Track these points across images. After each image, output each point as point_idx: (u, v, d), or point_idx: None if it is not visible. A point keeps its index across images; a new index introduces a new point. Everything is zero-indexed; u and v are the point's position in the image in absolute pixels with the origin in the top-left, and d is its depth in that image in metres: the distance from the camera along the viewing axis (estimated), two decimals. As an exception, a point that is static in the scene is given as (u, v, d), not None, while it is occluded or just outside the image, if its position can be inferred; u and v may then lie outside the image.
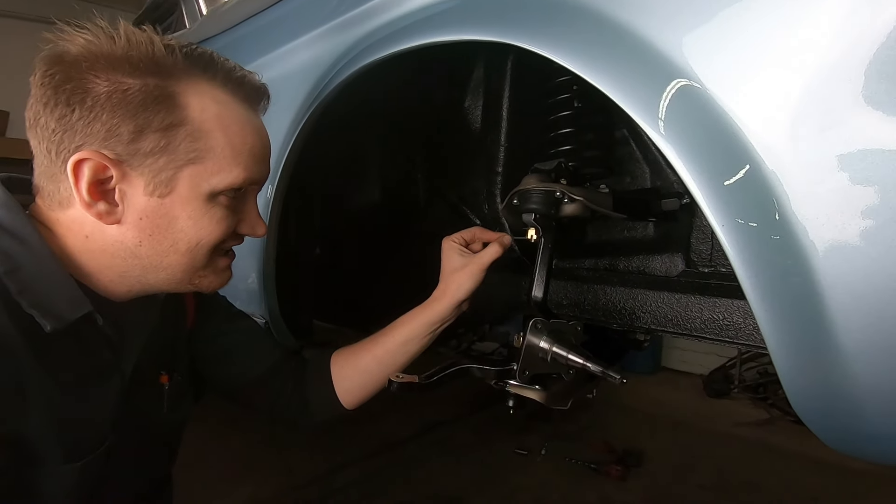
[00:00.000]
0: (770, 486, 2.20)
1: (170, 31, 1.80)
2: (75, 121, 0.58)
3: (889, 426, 0.47)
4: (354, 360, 0.94)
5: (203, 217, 0.64)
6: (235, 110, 0.66)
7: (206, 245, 0.66)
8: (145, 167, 0.60)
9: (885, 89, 0.41)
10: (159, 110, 0.59)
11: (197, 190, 0.63)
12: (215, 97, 0.64)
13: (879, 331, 0.44)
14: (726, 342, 0.85)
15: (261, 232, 0.72)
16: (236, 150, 0.64)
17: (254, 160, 0.67)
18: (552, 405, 0.84)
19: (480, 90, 1.15)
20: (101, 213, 0.61)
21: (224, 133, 0.63)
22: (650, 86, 0.54)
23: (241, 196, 0.69)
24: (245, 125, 0.66)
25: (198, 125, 0.62)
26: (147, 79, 0.59)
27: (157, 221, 0.62)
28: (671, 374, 3.71)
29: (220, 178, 0.63)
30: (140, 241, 0.63)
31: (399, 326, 0.92)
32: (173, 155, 0.61)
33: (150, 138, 0.59)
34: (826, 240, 0.45)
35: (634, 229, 1.08)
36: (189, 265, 0.66)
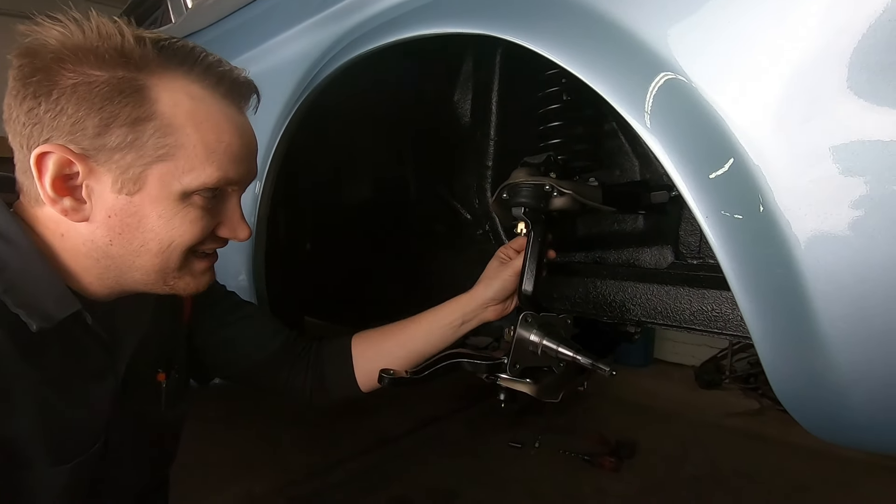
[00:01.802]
0: (761, 474, 2.23)
1: (155, 26, 1.77)
2: (42, 114, 0.56)
3: (870, 414, 0.47)
4: (378, 343, 0.93)
5: (174, 217, 0.61)
6: (212, 106, 0.62)
7: (178, 246, 0.63)
8: (112, 163, 0.58)
9: (867, 79, 0.41)
10: (126, 103, 0.57)
11: (168, 189, 0.60)
12: (190, 92, 0.61)
13: (861, 320, 0.45)
14: (715, 333, 0.85)
15: (243, 236, 0.69)
16: (210, 149, 0.61)
17: (231, 160, 0.64)
18: (543, 398, 0.84)
19: (469, 84, 1.15)
20: (66, 210, 0.59)
21: (196, 129, 0.60)
22: (636, 79, 0.54)
23: (220, 197, 0.66)
24: (221, 122, 0.63)
25: (168, 120, 0.59)
26: (115, 71, 0.57)
27: (126, 220, 0.60)
28: (663, 365, 3.74)
29: (192, 178, 0.60)
30: (111, 241, 0.61)
31: (425, 315, 0.93)
32: (141, 151, 0.58)
33: (116, 133, 0.57)
34: (808, 230, 0.45)
35: (624, 222, 1.08)
36: (162, 266, 0.64)
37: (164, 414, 0.79)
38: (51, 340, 0.60)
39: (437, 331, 0.92)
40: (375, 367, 0.89)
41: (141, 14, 2.13)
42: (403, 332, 0.92)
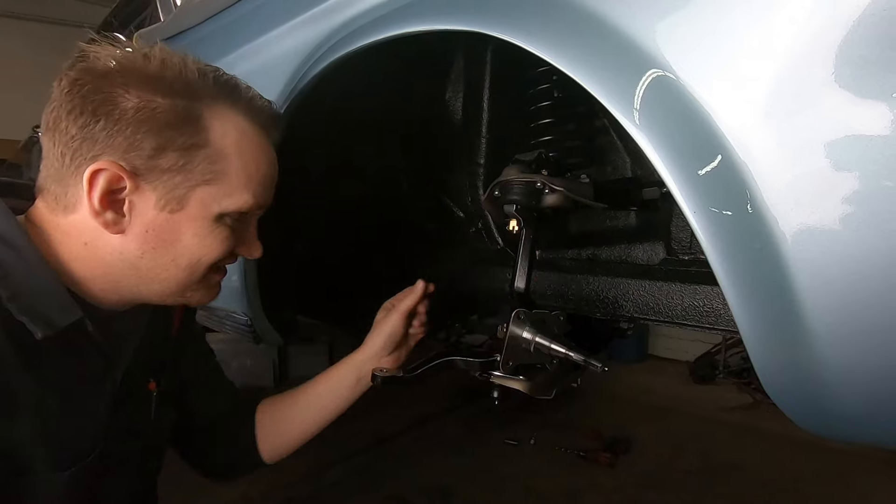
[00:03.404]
0: (755, 467, 2.25)
1: (144, 26, 1.76)
2: (98, 131, 0.59)
3: (856, 406, 0.48)
4: (280, 415, 0.96)
5: (208, 236, 0.66)
6: (253, 138, 0.68)
7: (206, 262, 0.67)
8: (160, 182, 0.62)
9: (851, 73, 0.42)
10: (184, 131, 0.61)
11: (207, 210, 0.64)
12: (236, 123, 0.66)
13: (848, 313, 0.45)
14: (707, 328, 0.86)
15: (258, 254, 0.74)
16: (250, 176, 0.67)
17: (263, 187, 0.69)
18: (536, 395, 0.85)
19: (461, 82, 1.15)
20: (107, 222, 0.62)
21: (240, 158, 0.65)
22: (625, 76, 0.54)
23: (245, 219, 0.71)
24: (260, 153, 0.69)
25: (218, 148, 0.64)
26: (176, 99, 0.61)
27: (162, 236, 0.64)
28: (658, 361, 3.77)
29: (230, 201, 0.65)
30: (142, 253, 0.64)
31: (321, 379, 0.96)
32: (190, 174, 0.62)
33: (170, 156, 0.61)
34: (795, 225, 0.46)
35: (616, 219, 1.08)
36: (186, 280, 0.67)
37: (153, 422, 0.80)
38: (52, 347, 0.60)
39: (332, 394, 0.94)
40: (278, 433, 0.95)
41: (130, 13, 2.11)
42: (298, 403, 0.95)
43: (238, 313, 1.31)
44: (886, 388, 0.46)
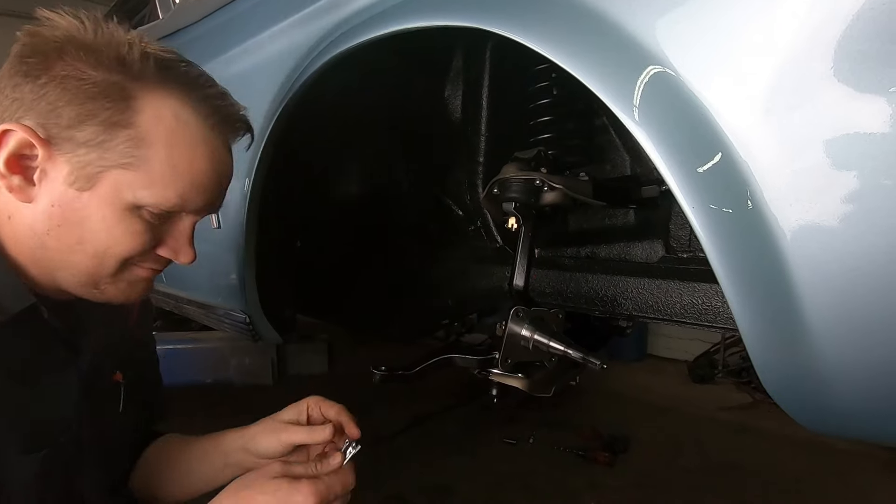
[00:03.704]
0: (754, 467, 2.25)
1: (143, 23, 1.75)
2: (26, 93, 0.57)
3: (855, 402, 0.48)
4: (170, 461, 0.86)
5: (117, 225, 0.61)
6: (195, 134, 0.63)
7: (114, 254, 0.62)
8: (75, 156, 0.59)
9: (851, 69, 0.41)
10: (108, 106, 0.58)
11: (118, 196, 0.60)
12: (178, 114, 0.62)
13: (847, 310, 0.45)
14: (706, 326, 0.86)
15: (184, 259, 0.68)
16: (177, 172, 0.61)
17: (196, 190, 0.64)
18: (535, 392, 0.85)
19: (460, 79, 1.15)
20: (12, 186, 0.59)
21: (169, 150, 0.61)
22: (625, 73, 0.54)
23: (172, 218, 0.66)
24: (200, 150, 0.63)
25: (143, 133, 0.60)
26: (111, 75, 0.58)
27: (67, 214, 0.60)
28: (657, 360, 3.76)
29: (147, 194, 0.61)
30: (48, 230, 0.61)
31: (201, 444, 0.85)
32: (107, 153, 0.59)
33: (89, 129, 0.58)
34: (795, 222, 0.45)
35: (615, 217, 1.08)
36: (95, 270, 0.63)
37: (122, 416, 0.79)
38: (10, 334, 0.60)
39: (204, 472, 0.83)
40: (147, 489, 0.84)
41: (129, 11, 2.11)
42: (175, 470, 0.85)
43: (236, 311, 1.31)
44: (885, 385, 0.46)
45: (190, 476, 0.85)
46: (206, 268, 1.39)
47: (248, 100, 1.12)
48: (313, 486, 0.64)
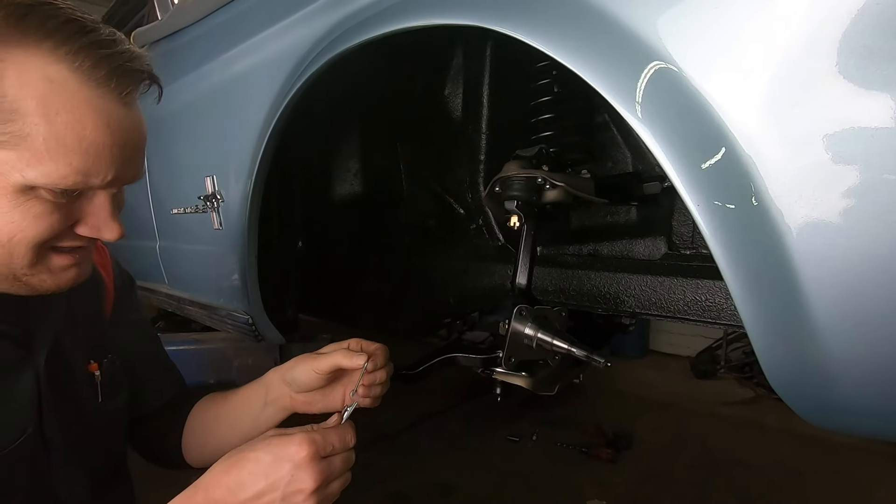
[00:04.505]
0: (757, 462, 2.25)
1: (142, 24, 1.75)
2: None
3: (861, 398, 0.47)
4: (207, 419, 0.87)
5: (13, 210, 0.53)
6: (77, 95, 0.52)
7: (21, 242, 0.55)
8: None
9: (856, 64, 0.41)
10: None
11: (5, 179, 0.52)
12: (48, 73, 0.51)
13: (852, 305, 0.45)
14: (709, 323, 0.86)
15: (109, 236, 0.61)
16: (65, 146, 0.52)
17: (95, 160, 0.54)
18: (539, 391, 0.85)
19: (460, 78, 1.14)
20: None
21: (48, 120, 0.51)
22: (627, 69, 0.54)
23: (83, 196, 0.58)
24: (87, 115, 0.53)
25: (10, 105, 0.50)
26: None
27: None
28: (659, 356, 3.76)
29: (37, 173, 0.52)
30: None
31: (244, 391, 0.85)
32: None
33: None
34: (800, 217, 0.45)
35: (617, 214, 1.08)
36: (6, 262, 0.57)
37: (102, 406, 0.76)
38: None
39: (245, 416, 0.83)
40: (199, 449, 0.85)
41: (127, 12, 2.11)
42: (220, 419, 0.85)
43: (239, 312, 1.31)
44: (891, 381, 0.46)
45: (236, 423, 0.83)
46: (208, 269, 1.39)
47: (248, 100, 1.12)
48: (307, 435, 0.59)
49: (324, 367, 0.73)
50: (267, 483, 0.55)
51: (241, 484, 0.56)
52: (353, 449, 0.63)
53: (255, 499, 0.55)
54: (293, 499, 0.56)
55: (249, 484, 0.56)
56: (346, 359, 0.73)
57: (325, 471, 0.58)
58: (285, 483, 0.55)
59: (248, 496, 0.55)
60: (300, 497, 0.56)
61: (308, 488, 0.56)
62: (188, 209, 1.33)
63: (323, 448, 0.59)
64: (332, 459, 0.59)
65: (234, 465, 0.58)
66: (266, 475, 0.55)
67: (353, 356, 0.73)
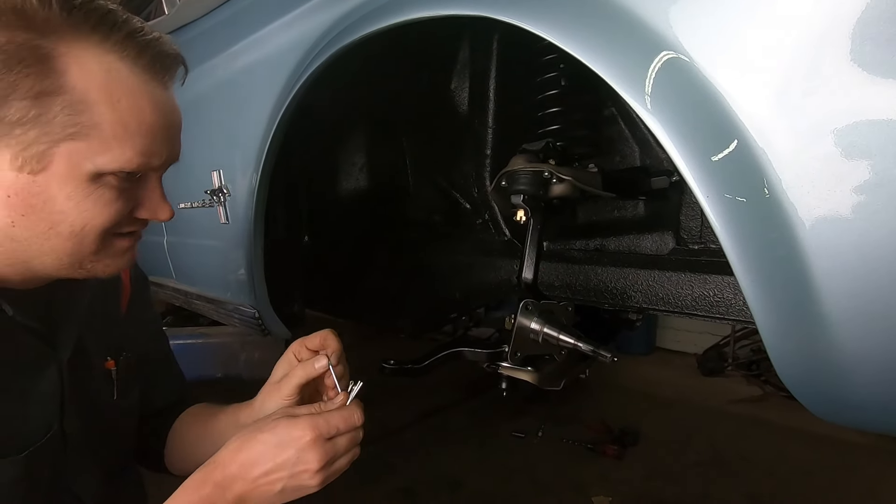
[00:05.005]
0: (764, 460, 2.23)
1: (150, 20, 1.75)
2: None
3: (873, 393, 0.47)
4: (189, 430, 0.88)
5: (86, 199, 0.56)
6: (131, 81, 0.56)
7: (93, 230, 0.58)
8: (11, 138, 0.52)
9: (870, 51, 0.40)
10: (28, 73, 0.50)
11: (78, 169, 0.54)
12: (105, 63, 0.54)
13: (865, 299, 0.44)
14: (717, 318, 0.85)
15: (163, 216, 0.64)
16: (128, 129, 0.55)
17: (153, 141, 0.58)
18: (544, 386, 0.84)
19: (466, 71, 1.14)
20: None
21: (113, 107, 0.54)
22: (637, 60, 0.53)
23: (140, 178, 0.61)
24: (142, 99, 0.57)
25: (79, 96, 0.53)
26: (13, 33, 0.50)
27: (29, 200, 0.54)
28: (666, 353, 3.75)
29: (107, 159, 0.55)
30: (13, 222, 0.55)
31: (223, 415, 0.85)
32: (47, 128, 0.52)
33: (17, 106, 0.51)
34: (813, 210, 0.44)
35: (624, 208, 1.07)
36: (76, 250, 0.59)
37: (117, 402, 0.77)
38: None
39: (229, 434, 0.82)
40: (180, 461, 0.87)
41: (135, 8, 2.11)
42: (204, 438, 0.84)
43: (245, 306, 1.32)
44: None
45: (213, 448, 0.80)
46: (214, 263, 1.40)
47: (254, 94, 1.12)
48: (311, 419, 0.62)
49: (290, 392, 0.74)
50: (274, 464, 0.60)
51: (252, 462, 0.60)
52: (361, 427, 0.66)
53: (265, 476, 0.60)
54: (300, 477, 0.60)
55: (259, 463, 0.60)
56: (305, 371, 0.73)
57: (329, 451, 0.62)
58: (291, 464, 0.60)
59: (258, 474, 0.60)
60: (306, 475, 0.61)
61: (313, 468, 0.60)
62: (195, 204, 1.34)
63: (326, 431, 0.62)
64: (337, 440, 0.63)
65: (244, 444, 0.62)
66: (273, 457, 0.60)
67: (308, 365, 0.73)
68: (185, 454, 0.87)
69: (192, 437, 0.87)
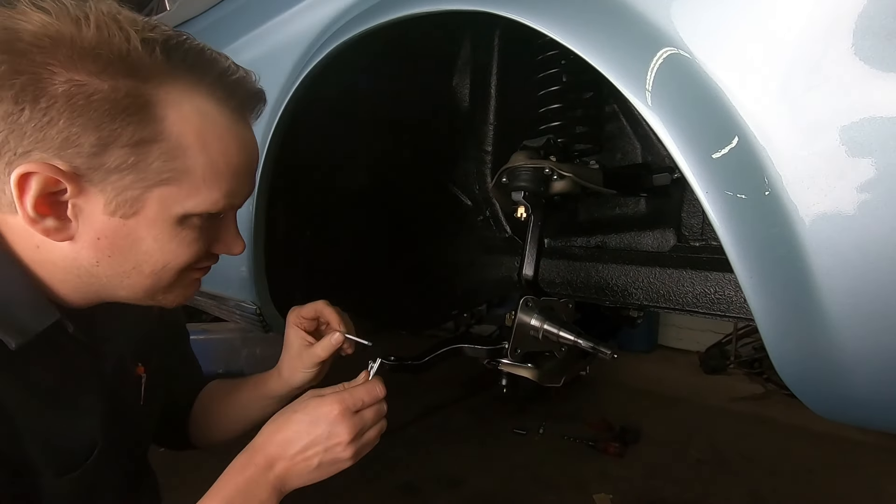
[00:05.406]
0: (766, 458, 2.23)
1: (150, 15, 1.76)
2: (24, 122, 0.49)
3: (874, 391, 0.46)
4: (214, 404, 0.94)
5: (171, 241, 0.58)
6: (221, 124, 0.57)
7: (173, 268, 0.60)
8: (108, 184, 0.53)
9: (873, 46, 0.40)
10: (130, 122, 0.51)
11: (167, 212, 0.56)
12: (199, 107, 0.55)
13: (866, 295, 0.44)
14: (718, 316, 0.85)
15: (237, 251, 0.66)
16: (218, 172, 0.57)
17: (238, 181, 0.60)
18: (545, 383, 0.84)
19: (468, 68, 1.13)
20: (48, 230, 0.53)
21: (204, 151, 0.55)
22: (638, 55, 0.53)
23: (219, 217, 0.62)
24: (231, 142, 0.58)
25: (175, 142, 0.54)
26: (118, 81, 0.50)
27: (117, 242, 0.56)
28: (668, 351, 3.74)
29: (195, 203, 0.56)
30: (97, 262, 0.57)
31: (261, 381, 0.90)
32: (143, 174, 0.53)
33: (116, 154, 0.51)
34: (813, 206, 0.44)
35: (625, 205, 1.07)
36: (153, 286, 0.61)
37: (143, 407, 0.78)
38: (34, 352, 0.56)
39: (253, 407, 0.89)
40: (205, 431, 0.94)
41: (136, 4, 2.11)
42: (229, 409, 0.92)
43: (247, 302, 1.32)
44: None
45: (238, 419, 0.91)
46: (216, 259, 1.40)
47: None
48: (337, 395, 0.66)
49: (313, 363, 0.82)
50: (309, 439, 0.64)
51: (288, 441, 0.64)
52: (384, 399, 0.70)
53: (303, 451, 0.64)
54: (334, 450, 0.64)
55: (295, 441, 0.64)
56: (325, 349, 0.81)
57: (357, 423, 0.65)
58: (324, 438, 0.64)
59: (296, 450, 0.64)
60: (339, 448, 0.64)
61: (344, 440, 0.64)
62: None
63: (353, 404, 0.66)
64: (364, 412, 0.67)
65: (281, 426, 0.66)
66: (308, 433, 0.64)
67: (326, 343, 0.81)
68: (209, 429, 0.93)
69: (215, 411, 0.93)
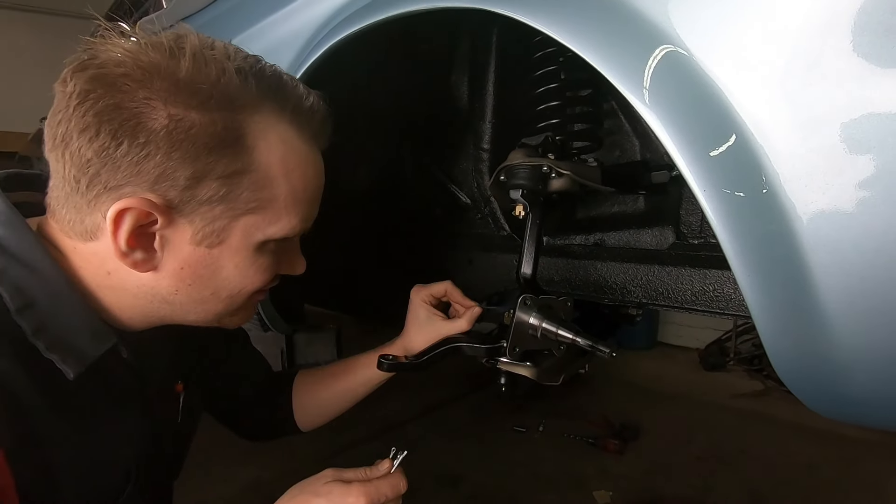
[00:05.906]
0: (765, 454, 2.23)
1: (148, 13, 1.75)
2: (120, 157, 0.49)
3: (872, 389, 0.46)
4: (315, 391, 0.96)
5: (251, 267, 0.58)
6: (301, 152, 0.58)
7: (247, 293, 0.60)
8: (197, 215, 0.53)
9: (870, 42, 0.40)
10: (225, 154, 0.51)
11: (250, 240, 0.56)
12: (282, 135, 0.56)
13: (863, 293, 0.44)
14: (717, 313, 0.85)
15: (300, 270, 0.67)
16: (297, 199, 0.58)
17: (312, 206, 0.61)
18: (544, 381, 0.84)
19: (466, 65, 1.13)
20: (136, 262, 0.54)
21: (287, 180, 0.56)
22: (635, 53, 0.53)
23: (290, 240, 0.62)
24: (308, 169, 0.59)
25: (263, 172, 0.54)
26: (214, 114, 0.50)
27: (199, 271, 0.56)
28: (667, 348, 3.74)
29: (276, 229, 0.57)
30: (177, 290, 0.57)
31: (360, 367, 0.92)
32: (232, 204, 0.54)
33: (209, 185, 0.52)
34: (811, 204, 0.44)
35: (624, 203, 1.07)
36: (224, 310, 0.61)
37: (179, 425, 0.76)
38: (84, 379, 0.55)
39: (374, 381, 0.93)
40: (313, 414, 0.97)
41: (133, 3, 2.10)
42: (341, 382, 0.94)
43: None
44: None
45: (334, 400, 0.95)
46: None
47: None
48: (364, 487, 0.64)
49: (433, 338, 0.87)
50: None
51: None
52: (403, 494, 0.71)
53: None
54: None
55: None
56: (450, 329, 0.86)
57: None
58: None
59: None
60: None
61: None
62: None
63: (377, 499, 0.65)
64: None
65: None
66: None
67: (470, 314, 0.87)
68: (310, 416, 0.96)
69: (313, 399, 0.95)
